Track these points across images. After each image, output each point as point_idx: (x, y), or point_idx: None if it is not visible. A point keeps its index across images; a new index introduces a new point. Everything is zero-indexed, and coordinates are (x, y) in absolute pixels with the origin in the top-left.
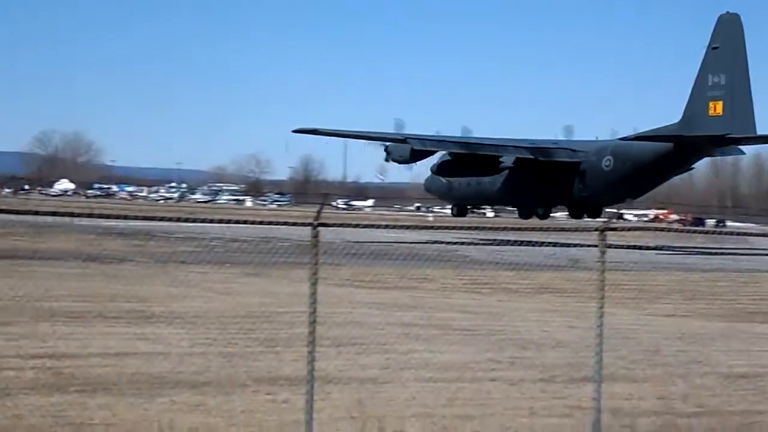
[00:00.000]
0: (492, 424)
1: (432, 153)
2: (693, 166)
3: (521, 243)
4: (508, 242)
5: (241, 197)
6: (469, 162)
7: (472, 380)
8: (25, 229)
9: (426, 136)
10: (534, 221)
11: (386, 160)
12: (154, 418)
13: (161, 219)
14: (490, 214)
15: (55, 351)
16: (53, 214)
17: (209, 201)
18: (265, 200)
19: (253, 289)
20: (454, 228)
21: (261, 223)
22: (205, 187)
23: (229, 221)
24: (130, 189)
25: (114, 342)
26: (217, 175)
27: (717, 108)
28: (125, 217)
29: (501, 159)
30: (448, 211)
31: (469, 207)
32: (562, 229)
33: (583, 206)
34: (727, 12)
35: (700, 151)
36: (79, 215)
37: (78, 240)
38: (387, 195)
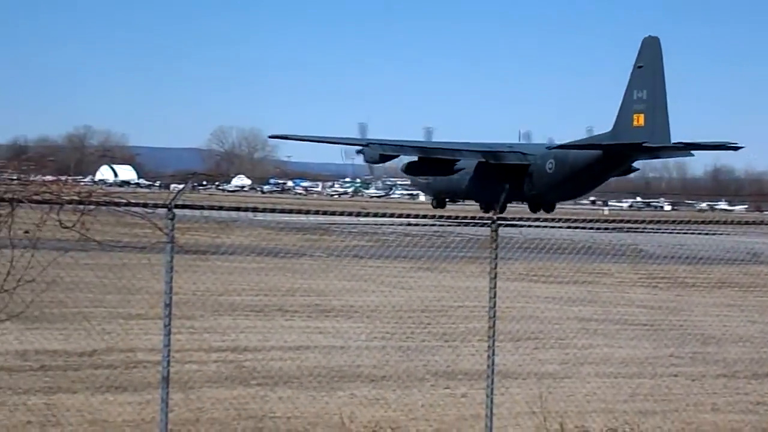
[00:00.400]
0: (674, 420)
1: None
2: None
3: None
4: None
5: (414, 192)
6: (430, 163)
7: (653, 376)
8: (206, 224)
9: (386, 141)
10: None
11: (365, 161)
12: (334, 412)
13: (336, 213)
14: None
15: (237, 344)
16: (236, 209)
17: (383, 196)
18: None
19: (428, 284)
20: (628, 222)
21: (440, 218)
22: (379, 183)
23: (401, 215)
24: (305, 184)
25: (293, 336)
26: (391, 170)
27: (640, 120)
28: (301, 212)
29: (457, 161)
30: (624, 204)
31: (447, 199)
32: (745, 223)
33: (535, 202)
34: (649, 35)
35: (625, 157)
36: (262, 210)
37: (256, 235)
38: None
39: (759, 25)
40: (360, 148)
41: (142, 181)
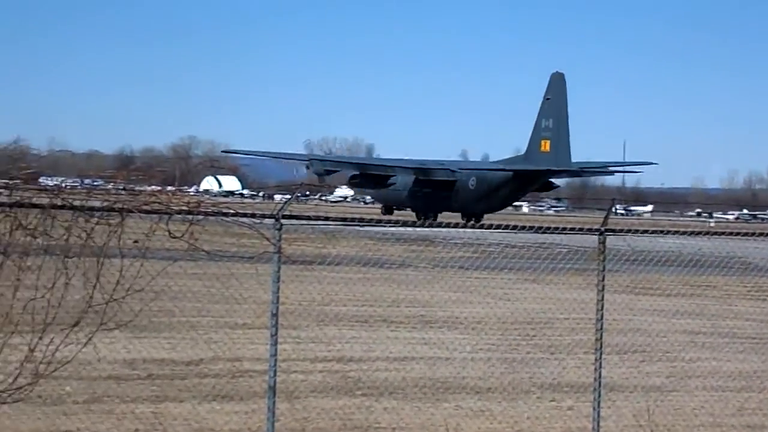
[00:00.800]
0: None
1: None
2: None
3: None
4: None
5: (517, 203)
6: (367, 178)
7: (761, 389)
8: (311, 234)
9: (326, 157)
10: None
11: (314, 173)
12: (440, 423)
13: (440, 225)
14: None
15: (342, 355)
16: (343, 220)
17: None
18: (542, 206)
19: (532, 295)
20: (732, 234)
21: (547, 229)
22: None
23: (507, 227)
24: None
25: (398, 346)
26: None
27: (546, 145)
28: (407, 224)
29: (391, 176)
30: (730, 216)
31: (394, 208)
32: None
33: (463, 214)
34: (556, 71)
35: (533, 179)
36: (368, 221)
37: (361, 246)
38: (667, 200)
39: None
40: (306, 163)
41: (246, 191)
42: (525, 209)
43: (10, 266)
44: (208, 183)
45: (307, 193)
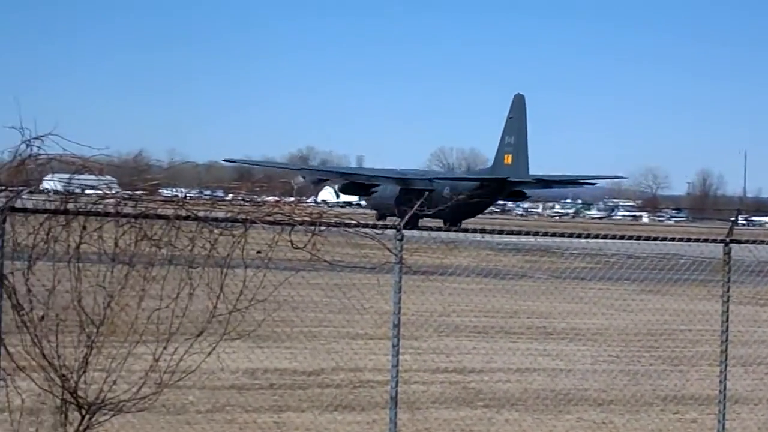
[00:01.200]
0: None
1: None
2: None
3: None
4: None
5: (637, 213)
6: (354, 186)
7: None
8: (428, 244)
9: (315, 168)
10: None
11: (309, 182)
12: None
13: (556, 235)
14: None
15: (461, 365)
16: (464, 230)
17: (605, 217)
18: (661, 216)
19: (653, 306)
20: None
21: (672, 239)
22: (600, 203)
23: (622, 237)
24: (525, 205)
25: (518, 357)
26: (613, 190)
27: (509, 159)
28: (530, 233)
29: (376, 185)
30: None
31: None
32: None
33: (444, 220)
34: (518, 93)
35: (497, 189)
36: (489, 231)
37: (480, 256)
38: None
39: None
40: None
41: (363, 202)
42: (645, 219)
43: (135, 276)
44: (327, 193)
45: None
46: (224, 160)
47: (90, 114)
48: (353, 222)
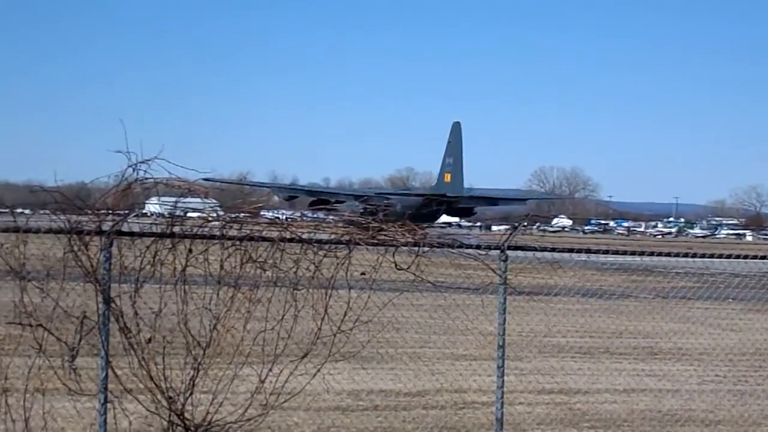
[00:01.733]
0: None
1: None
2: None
3: None
4: None
5: (741, 231)
6: (319, 203)
7: None
8: (531, 265)
9: (285, 186)
10: None
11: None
12: None
13: (660, 254)
14: None
15: (565, 386)
16: (569, 250)
17: (708, 235)
18: (766, 235)
19: (759, 326)
20: None
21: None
22: (703, 222)
23: (728, 256)
24: (627, 224)
25: (622, 378)
26: (715, 209)
27: (448, 178)
28: (635, 253)
29: (341, 201)
30: None
31: None
32: None
33: None
34: (456, 121)
35: (439, 204)
36: (595, 251)
37: (580, 276)
38: None
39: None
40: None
41: (462, 222)
42: (749, 237)
43: (240, 298)
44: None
45: (525, 224)
46: (203, 179)
47: (194, 138)
48: (457, 243)
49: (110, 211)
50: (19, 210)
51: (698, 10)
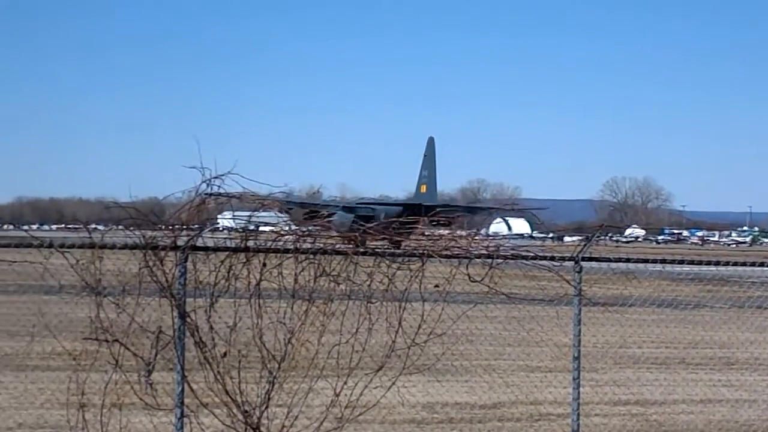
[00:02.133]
0: None
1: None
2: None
3: None
4: None
5: None
6: (313, 213)
7: None
8: (606, 275)
9: (278, 199)
10: None
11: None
12: None
13: (735, 263)
14: None
15: (641, 398)
16: (644, 261)
17: None
18: None
19: None
20: None
21: None
22: None
23: None
24: (700, 234)
25: (699, 389)
26: None
27: (424, 188)
28: (711, 263)
29: (332, 213)
30: None
31: None
32: None
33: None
34: (431, 136)
35: (417, 213)
36: (670, 262)
37: (655, 286)
38: None
39: None
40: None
41: (535, 233)
42: None
43: (314, 312)
44: (497, 226)
45: (598, 235)
46: (206, 194)
47: (267, 152)
48: (530, 254)
49: (185, 226)
50: (93, 226)
51: None
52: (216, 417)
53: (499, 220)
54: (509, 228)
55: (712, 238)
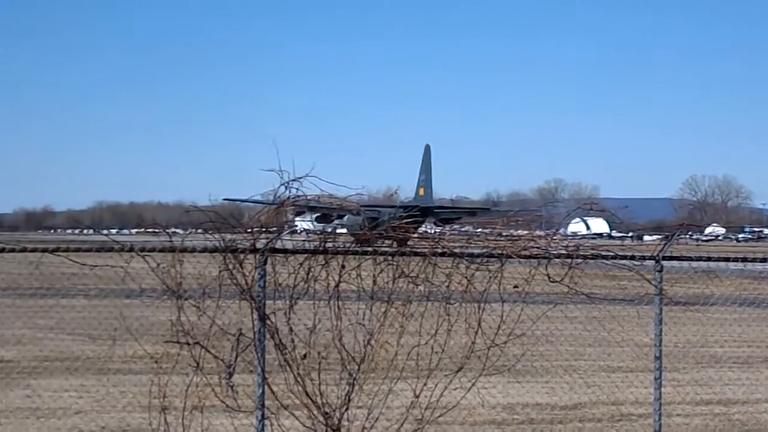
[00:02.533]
0: None
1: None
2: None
3: None
4: None
5: None
6: (324, 216)
7: None
8: (686, 275)
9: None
10: None
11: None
12: None
13: None
14: None
15: (723, 397)
16: (725, 259)
17: None
18: None
19: None
20: None
21: None
22: None
23: None
24: None
25: None
26: None
27: (422, 191)
28: None
29: (342, 215)
30: None
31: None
32: None
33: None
34: (427, 143)
35: (416, 214)
36: (751, 260)
37: (736, 285)
38: None
39: None
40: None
41: (614, 232)
42: None
43: (393, 313)
44: (576, 226)
45: (679, 233)
46: (224, 199)
47: (342, 155)
48: (610, 254)
49: (263, 229)
50: (173, 229)
51: None
52: (297, 419)
53: (577, 219)
54: (588, 228)
55: None
